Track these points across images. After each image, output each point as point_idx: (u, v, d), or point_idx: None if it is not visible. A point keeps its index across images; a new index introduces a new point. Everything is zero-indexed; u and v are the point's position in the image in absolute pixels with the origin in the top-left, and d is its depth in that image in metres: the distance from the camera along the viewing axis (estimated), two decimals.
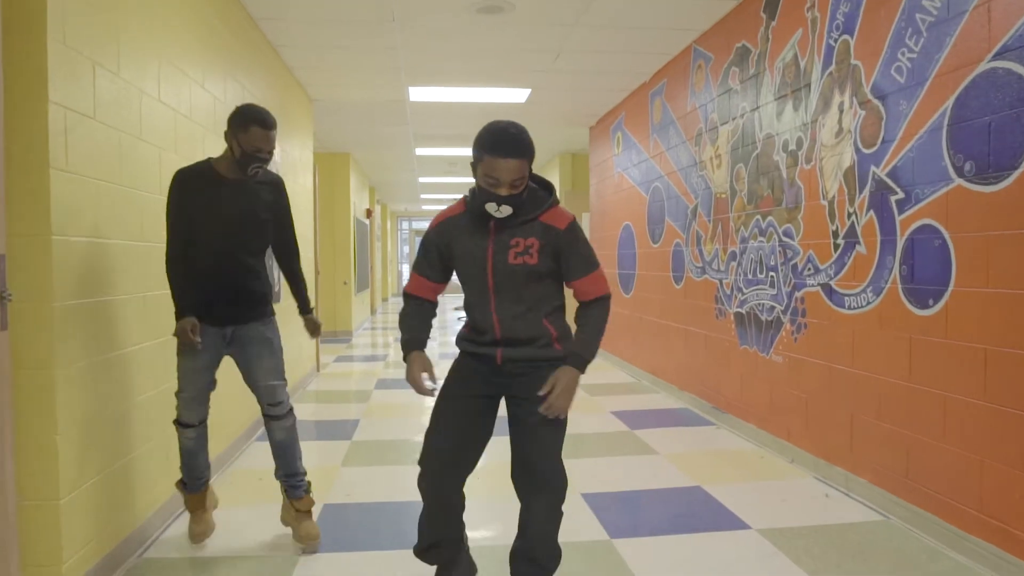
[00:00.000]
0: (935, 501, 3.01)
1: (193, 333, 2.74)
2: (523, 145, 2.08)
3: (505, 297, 2.19)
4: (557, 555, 2.31)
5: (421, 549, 2.36)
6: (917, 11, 3.06)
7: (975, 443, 2.80)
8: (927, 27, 3.00)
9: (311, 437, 4.90)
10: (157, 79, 3.22)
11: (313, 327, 3.23)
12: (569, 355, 2.20)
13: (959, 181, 2.85)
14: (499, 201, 2.09)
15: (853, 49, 3.52)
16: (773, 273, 4.36)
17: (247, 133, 2.72)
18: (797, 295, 4.08)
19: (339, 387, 7.00)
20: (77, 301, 2.51)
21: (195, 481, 2.98)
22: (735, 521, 3.27)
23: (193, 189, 2.78)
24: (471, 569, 2.47)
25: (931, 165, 2.99)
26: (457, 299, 15.46)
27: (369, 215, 14.38)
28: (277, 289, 5.46)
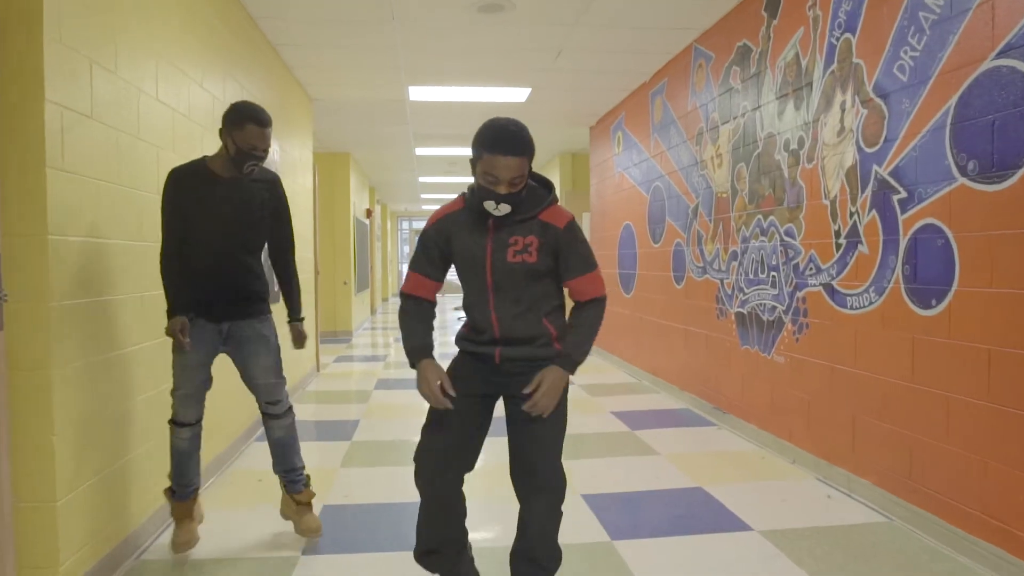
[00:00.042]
0: (938, 502, 3.00)
1: (183, 333, 2.71)
2: (523, 143, 2.05)
3: (504, 296, 2.16)
4: (558, 556, 2.29)
5: (420, 553, 2.31)
6: (920, 9, 3.04)
7: (978, 444, 2.78)
8: (930, 25, 2.99)
9: (311, 438, 4.89)
10: (155, 78, 3.21)
11: (298, 336, 3.12)
12: (559, 355, 2.17)
13: (962, 180, 2.83)
14: (498, 199, 2.06)
15: (855, 47, 3.50)
16: (775, 273, 4.34)
17: (242, 131, 2.70)
18: (799, 295, 4.06)
19: (339, 387, 6.99)
20: (74, 301, 2.50)
21: (184, 489, 2.91)
22: (736, 522, 3.26)
23: (187, 188, 2.76)
24: None
25: (934, 164, 2.97)
26: (457, 299, 15.47)
27: (369, 215, 14.37)
28: (277, 289, 5.44)
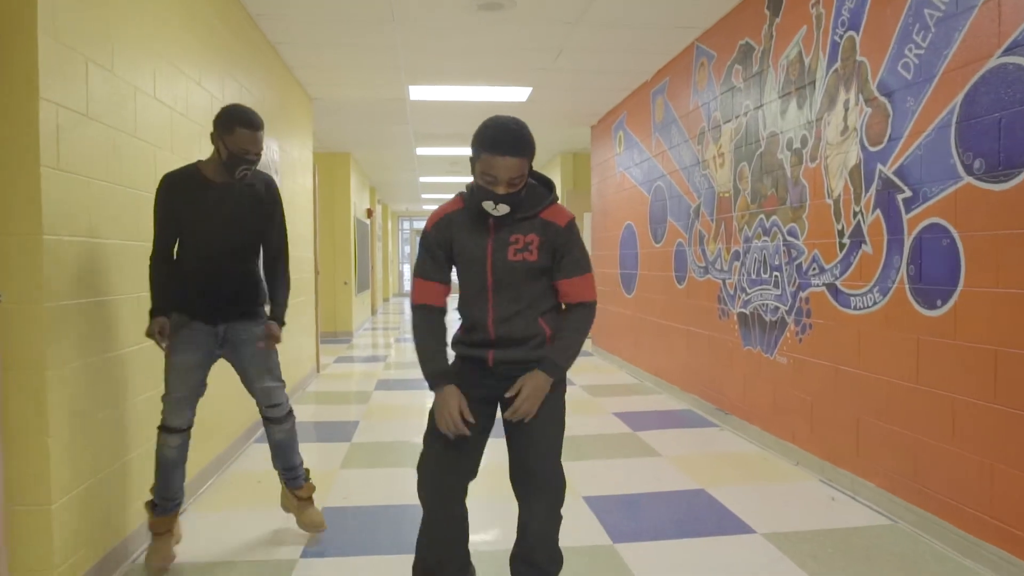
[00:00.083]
0: (943, 505, 2.96)
1: (161, 335, 2.66)
2: (522, 143, 2.01)
3: (503, 295, 2.13)
4: (558, 559, 2.26)
5: (420, 571, 2.24)
6: (925, 6, 3.01)
7: (985, 446, 2.75)
8: (935, 22, 2.95)
9: (310, 439, 4.86)
10: (153, 76, 3.18)
11: (269, 334, 2.86)
12: (544, 359, 2.12)
13: (968, 179, 2.80)
14: (496, 200, 2.03)
15: (859, 45, 3.47)
16: (777, 273, 4.31)
17: (232, 135, 2.65)
18: (802, 295, 4.03)
19: (339, 388, 6.96)
20: (70, 301, 2.47)
21: (167, 502, 2.79)
22: (739, 525, 3.23)
23: (180, 193, 2.72)
24: None
25: (939, 163, 2.94)
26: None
27: (370, 215, 14.35)
28: None
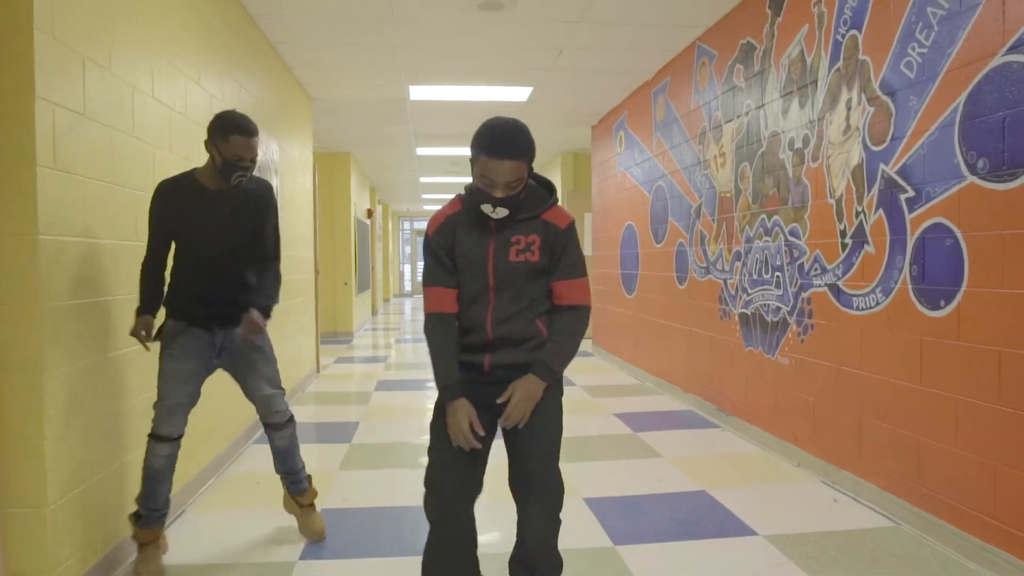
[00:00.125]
0: (947, 507, 2.94)
1: (147, 334, 2.62)
2: (521, 146, 1.98)
3: (504, 295, 2.11)
4: (558, 563, 2.24)
5: None
6: (928, 5, 2.98)
7: (989, 448, 2.72)
8: (938, 21, 2.93)
9: (310, 440, 4.84)
10: (151, 76, 3.16)
11: (250, 323, 2.70)
12: (537, 363, 2.08)
13: (972, 179, 2.77)
14: (494, 203, 2.00)
15: (861, 44, 3.45)
16: (779, 273, 4.29)
17: (227, 142, 2.63)
18: (804, 295, 4.00)
19: (339, 389, 6.94)
20: (67, 302, 2.45)
21: (152, 512, 2.71)
22: (741, 527, 3.20)
23: (174, 201, 2.70)
24: None
25: (943, 163, 2.92)
26: None
27: (370, 215, 14.33)
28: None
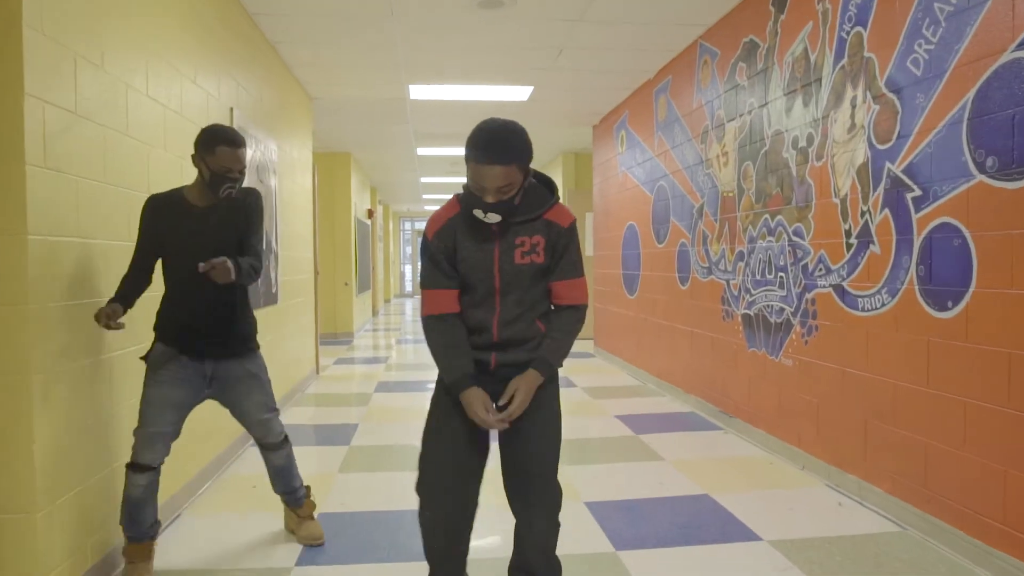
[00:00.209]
0: (955, 512, 2.88)
1: (111, 318, 2.44)
2: (509, 150, 1.92)
3: (510, 298, 2.08)
4: (557, 568, 2.21)
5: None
6: (935, 0, 2.93)
7: (998, 452, 2.67)
8: (946, 16, 2.88)
9: (309, 442, 4.79)
10: (145, 74, 3.11)
11: (217, 266, 2.45)
12: (537, 358, 2.07)
13: (980, 177, 2.72)
14: (485, 208, 1.95)
15: (866, 41, 3.40)
16: (782, 274, 4.23)
17: (214, 155, 2.57)
18: (808, 296, 3.95)
19: (339, 390, 6.89)
20: (57, 303, 2.40)
21: (141, 535, 2.65)
22: (745, 532, 3.15)
23: (163, 217, 2.64)
24: None
25: (950, 161, 2.87)
26: None
27: (371, 215, 14.28)
28: (278, 294, 5.36)
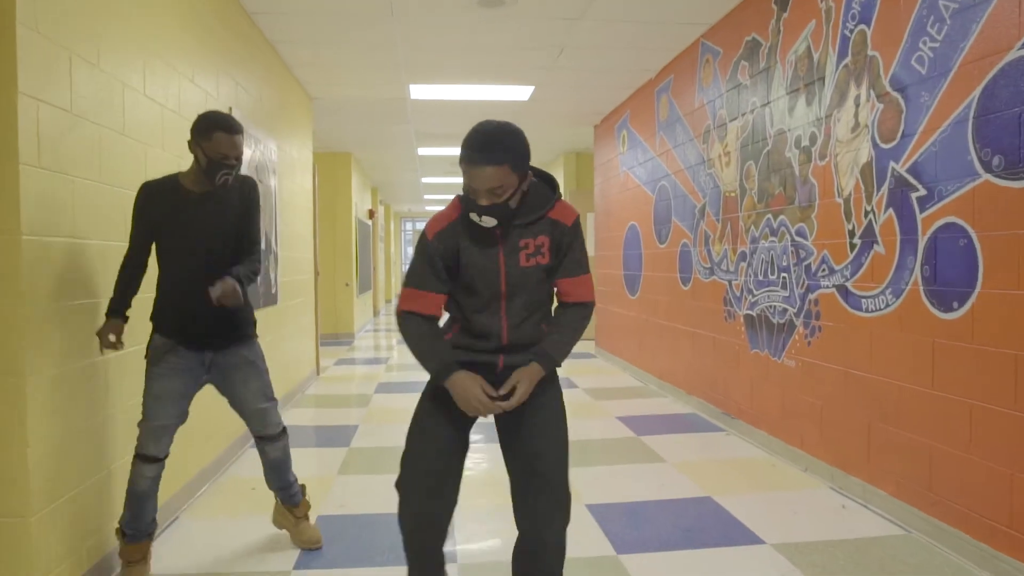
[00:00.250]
0: (961, 515, 2.85)
1: (116, 340, 2.53)
2: (498, 150, 1.86)
3: (516, 301, 2.04)
4: (563, 549, 2.09)
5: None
6: None
7: (1004, 454, 2.63)
8: (951, 14, 2.84)
9: (308, 444, 4.76)
10: (142, 73, 3.08)
11: (225, 289, 2.51)
12: (539, 352, 2.03)
13: (986, 176, 2.69)
14: (479, 212, 1.91)
15: (870, 39, 3.36)
16: (785, 274, 4.20)
17: (211, 140, 2.55)
18: (811, 297, 3.92)
19: (339, 391, 6.86)
20: (51, 304, 2.37)
21: (139, 532, 2.65)
22: (748, 535, 3.12)
23: (157, 203, 2.61)
24: None
25: (956, 160, 2.83)
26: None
27: (372, 216, 14.26)
28: (276, 291, 5.33)
